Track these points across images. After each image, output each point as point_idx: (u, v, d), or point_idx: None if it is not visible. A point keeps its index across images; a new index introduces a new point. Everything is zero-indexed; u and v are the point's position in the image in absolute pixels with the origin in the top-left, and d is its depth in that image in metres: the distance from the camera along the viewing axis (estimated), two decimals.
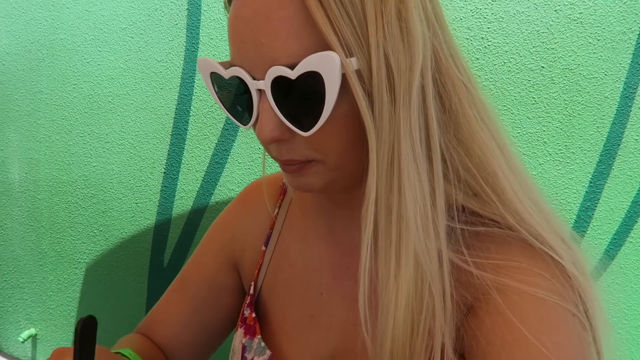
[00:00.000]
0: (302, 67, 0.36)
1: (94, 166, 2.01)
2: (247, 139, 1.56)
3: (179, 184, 1.75)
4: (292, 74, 0.37)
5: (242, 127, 0.44)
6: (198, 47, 1.69)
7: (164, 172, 1.79)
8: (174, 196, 1.76)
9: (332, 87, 0.36)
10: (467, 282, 0.42)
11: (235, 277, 0.63)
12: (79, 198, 2.07)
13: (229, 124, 1.62)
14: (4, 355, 2.51)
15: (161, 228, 1.79)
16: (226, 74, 0.41)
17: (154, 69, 1.81)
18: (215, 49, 1.66)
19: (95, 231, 2.02)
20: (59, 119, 2.15)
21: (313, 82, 0.37)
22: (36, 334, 2.31)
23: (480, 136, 0.41)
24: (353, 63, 0.36)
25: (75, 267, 2.10)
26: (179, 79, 1.74)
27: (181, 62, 1.74)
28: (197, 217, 1.69)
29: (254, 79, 0.39)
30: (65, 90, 2.13)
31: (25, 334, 2.32)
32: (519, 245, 0.42)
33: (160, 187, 1.80)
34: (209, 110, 1.66)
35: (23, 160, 2.34)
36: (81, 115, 2.07)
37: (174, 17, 1.75)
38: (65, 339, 2.16)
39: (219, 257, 0.64)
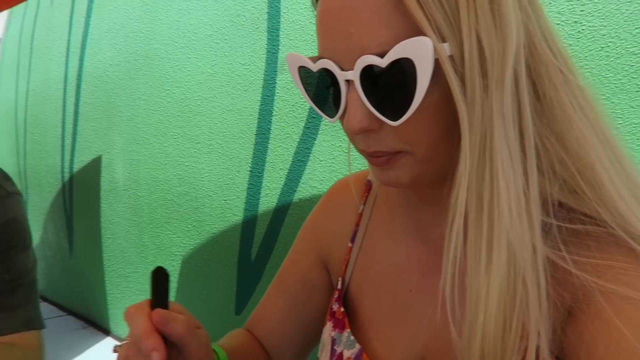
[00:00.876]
0: (393, 55, 0.36)
1: (187, 165, 2.16)
2: (328, 137, 1.59)
3: (264, 181, 1.82)
4: (382, 62, 0.37)
5: (328, 120, 0.44)
6: (279, 49, 1.74)
7: (250, 171, 1.87)
8: (260, 193, 1.84)
9: (424, 73, 0.36)
10: (565, 282, 0.39)
11: (326, 275, 0.65)
12: (174, 195, 2.24)
13: (310, 122, 1.65)
14: (114, 337, 2.79)
15: (248, 224, 1.88)
16: (314, 67, 0.42)
17: (238, 72, 1.89)
18: (295, 49, 1.70)
19: (189, 226, 2.17)
20: (155, 122, 2.34)
21: (404, 69, 0.36)
22: None
23: (577, 126, 0.39)
24: (445, 48, 0.36)
25: (172, 259, 2.27)
26: (262, 81, 1.81)
27: (263, 64, 1.80)
28: (281, 213, 1.75)
29: (342, 70, 0.39)
30: (160, 96, 2.31)
31: None
32: (622, 245, 0.39)
33: (246, 185, 1.89)
34: (290, 110, 1.70)
35: (126, 161, 2.57)
36: (174, 119, 2.23)
37: (255, 22, 1.82)
38: None
39: (310, 256, 0.66)
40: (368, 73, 0.38)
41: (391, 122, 0.39)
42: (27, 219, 0.78)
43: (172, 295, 2.29)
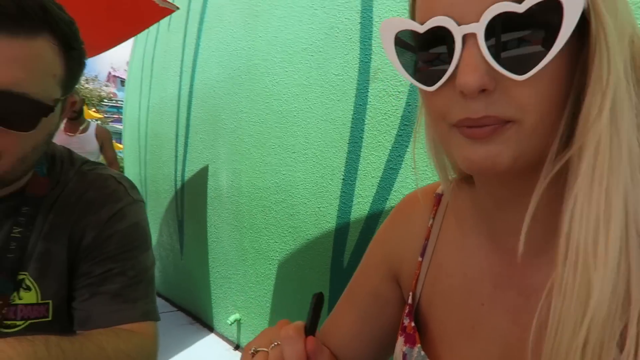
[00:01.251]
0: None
1: (283, 174, 2.25)
2: (420, 144, 1.56)
3: (356, 189, 1.84)
4: (521, 7, 0.34)
5: (426, 89, 0.41)
6: (371, 58, 1.76)
7: (343, 179, 1.90)
8: (352, 201, 1.86)
9: (572, 16, 0.33)
10: None
11: (397, 289, 0.64)
12: (271, 202, 2.35)
13: (402, 130, 1.64)
14: (217, 334, 2.99)
15: (341, 231, 1.91)
16: (422, 28, 0.39)
17: (332, 83, 1.94)
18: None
19: (285, 232, 2.26)
20: (256, 133, 2.48)
21: (547, 12, 0.34)
22: (240, 318, 2.70)
23: None
24: None
25: (270, 264, 2.38)
26: (355, 90, 1.84)
27: (356, 73, 1.83)
28: (373, 221, 1.75)
29: (460, 25, 0.37)
30: (259, 109, 2.45)
31: (231, 318, 2.72)
32: None
33: (339, 193, 1.92)
34: (383, 118, 1.71)
35: (229, 170, 2.76)
36: (272, 129, 2.34)
37: (348, 32, 1.86)
38: (263, 324, 2.46)
39: (380, 270, 0.65)
40: (496, 23, 0.35)
41: (517, 76, 0.36)
42: (148, 224, 0.88)
43: (269, 298, 2.40)
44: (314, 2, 2.04)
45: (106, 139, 3.69)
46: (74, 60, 0.70)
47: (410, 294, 0.58)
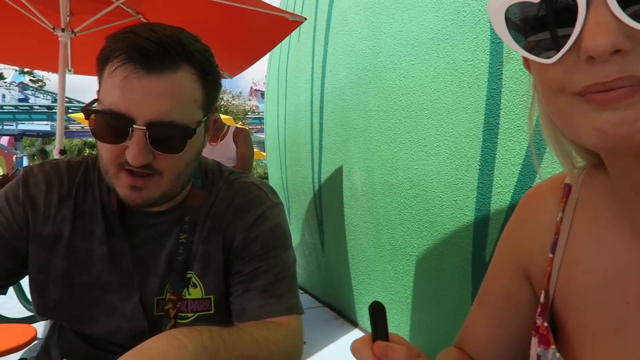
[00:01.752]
0: None
1: (416, 169, 2.22)
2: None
3: (494, 179, 1.73)
4: None
5: (546, 62, 0.37)
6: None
7: (479, 169, 1.81)
8: (491, 192, 1.75)
9: None
10: None
11: (529, 288, 0.59)
12: (405, 198, 2.33)
13: None
14: (361, 329, 3.06)
15: (480, 224, 1.82)
16: None
17: (461, 70, 1.86)
18: None
19: (421, 227, 2.22)
20: (385, 130, 2.49)
21: None
22: None
23: None
24: None
25: (408, 259, 2.36)
26: (487, 74, 1.73)
27: (487, 56, 1.72)
28: None
29: None
30: (388, 105, 2.46)
31: None
32: None
33: (476, 184, 1.83)
34: (521, 100, 1.58)
35: (362, 168, 2.82)
36: (402, 125, 2.33)
37: (476, 14, 1.76)
38: (405, 321, 2.45)
39: (510, 270, 0.62)
40: None
41: None
42: (288, 225, 0.96)
43: (409, 294, 2.38)
44: None
45: (240, 137, 3.65)
46: (210, 84, 0.78)
47: (543, 292, 0.55)
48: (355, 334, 3.01)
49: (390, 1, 2.36)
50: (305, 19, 2.47)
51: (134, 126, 0.70)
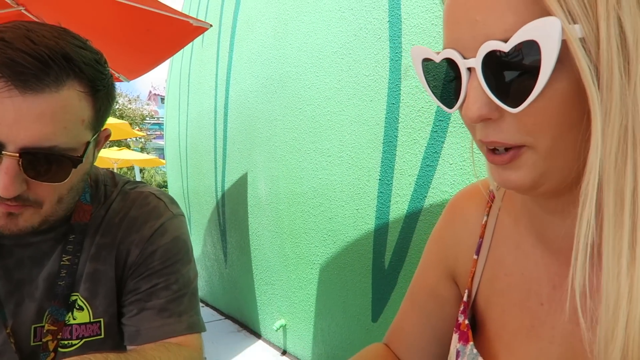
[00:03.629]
0: (517, 38, 0.36)
1: (320, 178, 2.27)
2: (456, 139, 1.53)
3: (393, 189, 1.83)
4: (506, 47, 0.36)
5: (446, 111, 0.44)
6: (401, 56, 1.74)
7: (379, 179, 1.89)
8: (390, 201, 1.84)
9: (549, 55, 0.35)
10: None
11: (455, 287, 0.64)
12: (310, 207, 2.37)
13: (437, 126, 1.62)
14: (265, 341, 3.03)
15: (380, 232, 1.90)
16: (438, 57, 0.43)
17: (363, 84, 1.94)
18: None
19: (324, 236, 2.27)
20: (291, 140, 2.51)
21: (528, 52, 0.36)
22: (286, 324, 2.72)
23: None
24: (577, 30, 0.34)
25: (311, 268, 2.39)
26: (386, 89, 1.83)
27: (387, 72, 1.82)
28: (413, 220, 1.73)
29: (465, 58, 0.40)
30: (293, 115, 2.48)
31: (277, 324, 2.74)
32: None
33: (376, 193, 1.91)
34: (417, 115, 1.69)
35: (267, 177, 2.80)
36: (307, 135, 2.36)
37: (377, 32, 1.86)
38: (308, 329, 2.47)
39: (438, 269, 0.64)
40: (490, 59, 0.38)
41: (511, 109, 0.38)
42: (189, 237, 0.89)
43: (313, 302, 2.41)
44: (341, 4, 2.05)
45: None
46: (101, 100, 0.69)
47: (466, 291, 0.58)
48: (259, 345, 2.97)
49: (295, 13, 2.40)
50: (211, 25, 2.41)
51: (4, 152, 0.59)
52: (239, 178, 3.11)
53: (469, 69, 0.40)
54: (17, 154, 0.60)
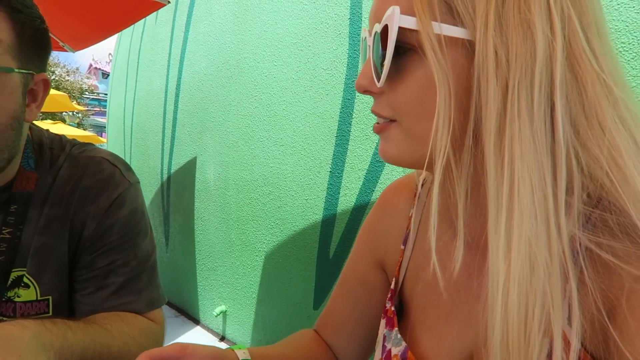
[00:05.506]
0: (383, 21, 0.42)
1: (271, 167, 2.28)
2: None
3: (343, 182, 1.88)
4: (378, 28, 0.42)
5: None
6: (359, 53, 1.80)
7: (330, 171, 1.94)
8: (339, 193, 1.90)
9: (391, 39, 0.41)
10: (606, 275, 0.38)
11: (383, 275, 0.67)
12: (259, 195, 2.38)
13: None
14: (203, 326, 3.00)
15: (327, 222, 1.95)
16: (362, 36, 0.50)
17: (321, 77, 1.98)
18: None
19: (272, 224, 2.29)
20: (244, 126, 2.50)
21: (385, 35, 0.41)
22: (226, 310, 2.71)
23: (617, 142, 0.38)
24: (436, 27, 0.38)
25: (257, 255, 2.41)
26: (343, 85, 1.88)
27: (344, 68, 1.87)
28: (359, 213, 1.80)
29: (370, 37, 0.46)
30: (248, 102, 2.47)
31: (217, 310, 2.73)
32: None
33: (326, 185, 1.96)
34: (370, 112, 1.75)
35: (217, 162, 2.78)
36: (261, 123, 2.37)
37: (337, 28, 1.90)
38: (249, 315, 2.49)
39: (367, 258, 0.68)
40: (375, 39, 0.44)
41: (377, 83, 0.44)
42: (145, 206, 0.84)
43: (255, 289, 2.43)
44: None
45: None
46: (24, 27, 0.64)
47: (394, 279, 0.61)
48: (198, 330, 2.94)
49: (256, 0, 2.39)
50: (169, 2, 2.34)
51: None
52: (187, 162, 3.05)
53: (369, 46, 0.46)
54: None
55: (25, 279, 0.72)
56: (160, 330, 0.80)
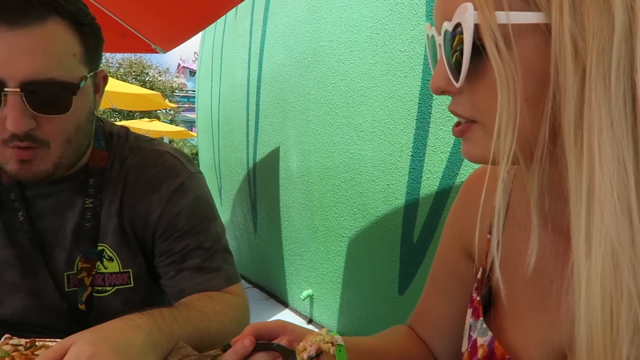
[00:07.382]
0: (454, 19, 0.39)
1: (352, 153, 2.29)
2: None
3: (425, 165, 1.84)
4: (449, 26, 0.40)
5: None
6: None
7: (411, 155, 1.91)
8: (421, 177, 1.87)
9: (468, 36, 0.38)
10: None
11: (472, 265, 0.65)
12: (341, 181, 2.41)
13: None
14: (291, 309, 3.13)
15: (410, 207, 1.93)
16: (429, 33, 0.48)
17: (398, 59, 1.94)
18: None
19: (354, 210, 2.31)
20: (323, 114, 2.53)
21: (460, 32, 0.39)
22: (313, 294, 2.80)
23: None
24: (500, 17, 0.36)
25: (340, 241, 2.45)
26: (422, 66, 1.82)
27: (422, 48, 1.82)
28: (443, 196, 1.75)
29: (439, 35, 0.44)
30: (326, 90, 2.50)
31: (304, 293, 2.83)
32: None
33: (408, 169, 1.93)
34: None
35: (299, 151, 2.85)
36: (340, 110, 2.38)
37: (413, 7, 1.84)
38: (334, 299, 2.54)
39: (455, 249, 0.67)
40: (446, 37, 0.41)
41: (455, 83, 0.41)
42: (210, 193, 0.92)
43: (340, 274, 2.48)
44: None
45: None
46: (88, 36, 0.71)
47: (481, 269, 0.60)
48: (286, 314, 3.07)
49: None
50: None
51: (6, 89, 0.63)
52: (270, 151, 3.17)
53: (439, 45, 0.43)
54: (19, 89, 0.63)
55: (108, 253, 0.82)
56: (245, 303, 0.86)
